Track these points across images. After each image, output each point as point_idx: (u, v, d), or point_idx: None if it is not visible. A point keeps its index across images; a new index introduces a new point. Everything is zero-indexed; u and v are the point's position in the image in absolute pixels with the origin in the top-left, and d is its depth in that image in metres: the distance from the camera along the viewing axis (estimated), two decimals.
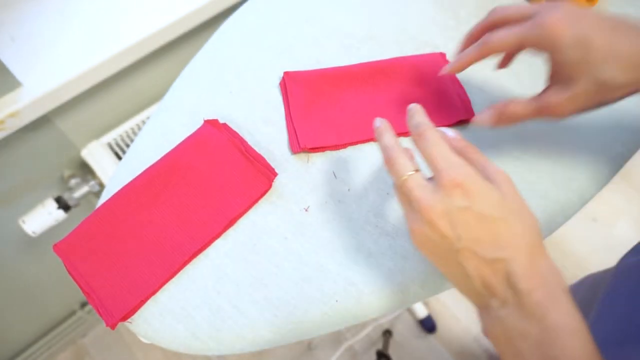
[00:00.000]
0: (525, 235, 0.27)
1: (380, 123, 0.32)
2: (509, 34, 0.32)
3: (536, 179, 0.41)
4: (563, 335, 0.25)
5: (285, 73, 0.47)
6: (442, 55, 0.49)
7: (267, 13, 0.54)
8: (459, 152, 0.29)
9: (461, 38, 0.38)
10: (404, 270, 0.37)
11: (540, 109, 0.33)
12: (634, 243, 0.46)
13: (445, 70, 0.37)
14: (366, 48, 0.51)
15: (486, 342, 1.17)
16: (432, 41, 0.51)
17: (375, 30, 0.52)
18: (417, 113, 0.30)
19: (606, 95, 0.31)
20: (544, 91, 0.33)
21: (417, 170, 0.28)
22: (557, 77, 0.32)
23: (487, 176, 0.28)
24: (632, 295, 0.34)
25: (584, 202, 0.41)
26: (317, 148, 0.43)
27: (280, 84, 0.47)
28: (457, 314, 1.20)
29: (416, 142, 0.29)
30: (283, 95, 0.47)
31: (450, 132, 0.30)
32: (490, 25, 0.34)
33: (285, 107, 0.46)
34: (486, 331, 0.28)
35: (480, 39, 0.34)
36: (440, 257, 0.29)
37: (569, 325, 0.25)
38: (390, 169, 0.29)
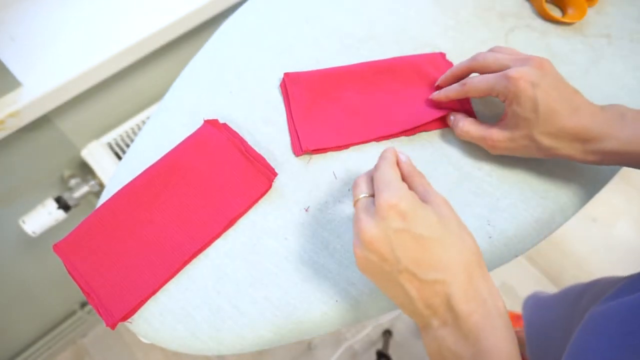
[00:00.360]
0: (464, 256, 0.27)
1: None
2: (482, 82, 0.37)
3: (536, 179, 0.41)
4: (492, 358, 0.26)
5: (285, 74, 0.47)
6: (442, 55, 0.49)
7: (267, 13, 0.54)
8: (406, 177, 0.31)
9: (460, 38, 0.38)
10: None
11: (484, 138, 0.39)
12: (634, 243, 0.46)
13: (433, 96, 0.43)
14: (366, 48, 0.51)
15: None
16: (432, 41, 0.51)
17: (375, 30, 0.52)
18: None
19: (534, 151, 0.37)
20: (492, 126, 0.39)
21: (371, 195, 0.30)
22: (506, 120, 0.37)
23: (426, 199, 0.29)
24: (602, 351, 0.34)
25: (583, 202, 0.41)
26: (320, 149, 0.43)
27: (280, 85, 0.47)
28: None
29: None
30: (284, 97, 0.47)
31: (403, 156, 0.32)
32: (471, 69, 0.40)
33: (286, 109, 0.46)
34: (427, 350, 0.29)
35: (462, 80, 0.40)
36: (382, 280, 0.29)
37: (502, 350, 0.26)
38: (353, 192, 0.32)
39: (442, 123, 0.44)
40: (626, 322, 0.33)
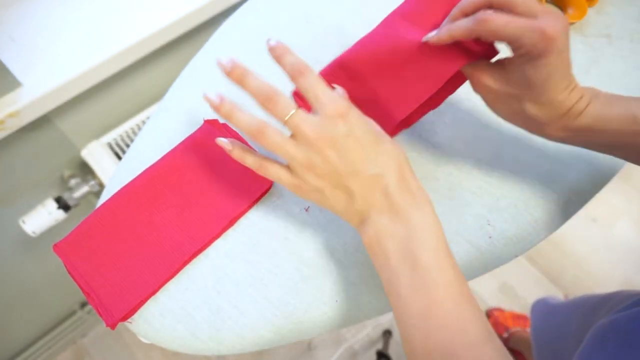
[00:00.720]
0: (395, 153, 0.31)
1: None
2: (510, 23, 0.29)
3: (536, 179, 0.41)
4: (422, 231, 0.30)
5: None
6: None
7: (267, 13, 0.54)
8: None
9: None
10: None
11: (472, 73, 0.34)
12: (634, 243, 0.46)
13: (430, 37, 0.33)
14: None
15: None
16: None
17: None
18: (286, 52, 0.32)
19: (511, 112, 0.35)
20: (489, 64, 0.34)
21: (299, 107, 0.31)
22: (508, 69, 0.33)
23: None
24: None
25: (583, 202, 0.41)
26: None
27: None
28: None
29: (295, 80, 0.31)
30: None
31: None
32: (488, 3, 0.31)
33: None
34: (364, 241, 0.32)
35: (478, 13, 0.30)
36: (327, 188, 0.31)
37: (428, 224, 0.30)
38: (273, 108, 0.31)
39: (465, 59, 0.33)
40: (626, 334, 0.33)
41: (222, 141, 0.34)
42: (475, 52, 0.33)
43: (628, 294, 0.51)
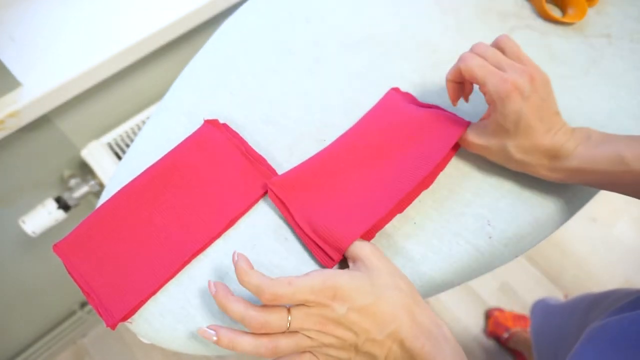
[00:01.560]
0: (402, 301, 0.31)
1: (215, 288, 0.32)
2: (479, 66, 0.35)
3: (536, 179, 0.41)
4: None
5: (270, 183, 0.40)
6: (395, 90, 0.46)
7: (267, 13, 0.54)
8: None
9: (460, 38, 0.39)
10: (403, 269, 0.37)
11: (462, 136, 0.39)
12: (634, 243, 0.46)
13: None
14: (366, 48, 0.51)
15: (486, 342, 1.17)
16: (432, 41, 0.51)
17: (375, 30, 0.52)
18: (243, 275, 0.30)
19: (504, 160, 0.38)
20: (472, 125, 0.39)
21: (288, 310, 0.30)
22: (486, 122, 0.38)
23: (353, 256, 0.34)
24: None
25: (583, 202, 0.41)
26: (343, 248, 0.35)
27: (269, 195, 0.40)
28: (457, 314, 1.20)
29: (272, 294, 0.29)
30: (279, 207, 0.39)
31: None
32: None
33: (289, 220, 0.39)
34: None
35: (463, 53, 0.38)
36: (352, 356, 0.32)
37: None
38: (270, 330, 0.30)
39: (447, 142, 0.39)
40: (620, 339, 0.34)
41: (208, 332, 0.31)
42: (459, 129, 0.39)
43: (622, 293, 0.51)
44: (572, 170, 0.35)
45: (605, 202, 1.34)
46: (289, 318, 0.30)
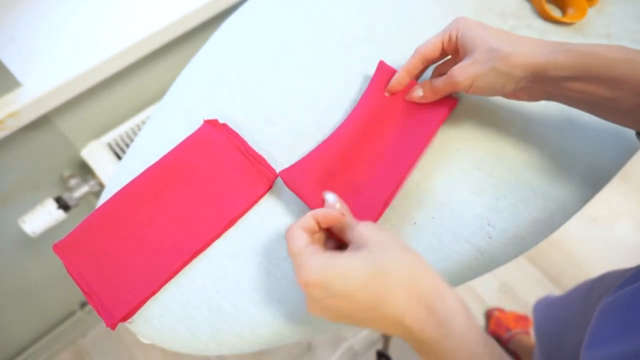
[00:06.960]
0: (403, 277, 0.29)
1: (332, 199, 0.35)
2: (431, 39, 0.40)
3: (536, 179, 0.41)
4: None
5: (282, 174, 0.40)
6: (382, 65, 0.46)
7: (267, 13, 0.54)
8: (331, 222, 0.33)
9: None
10: None
11: (451, 84, 0.39)
12: (634, 243, 0.46)
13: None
14: (366, 48, 0.51)
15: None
16: None
17: (375, 30, 0.52)
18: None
19: (491, 82, 0.37)
20: (454, 68, 0.39)
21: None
22: (459, 60, 0.39)
23: (353, 240, 0.31)
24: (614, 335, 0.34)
25: (583, 202, 0.41)
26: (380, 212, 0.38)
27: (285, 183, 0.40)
28: None
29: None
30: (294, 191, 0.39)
31: (330, 198, 0.35)
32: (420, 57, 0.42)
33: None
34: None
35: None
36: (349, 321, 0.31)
37: (460, 352, 0.28)
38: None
39: (437, 120, 0.42)
40: (633, 307, 0.33)
41: None
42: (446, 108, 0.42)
43: (621, 272, 0.51)
44: (519, 66, 0.36)
45: (605, 202, 1.34)
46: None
